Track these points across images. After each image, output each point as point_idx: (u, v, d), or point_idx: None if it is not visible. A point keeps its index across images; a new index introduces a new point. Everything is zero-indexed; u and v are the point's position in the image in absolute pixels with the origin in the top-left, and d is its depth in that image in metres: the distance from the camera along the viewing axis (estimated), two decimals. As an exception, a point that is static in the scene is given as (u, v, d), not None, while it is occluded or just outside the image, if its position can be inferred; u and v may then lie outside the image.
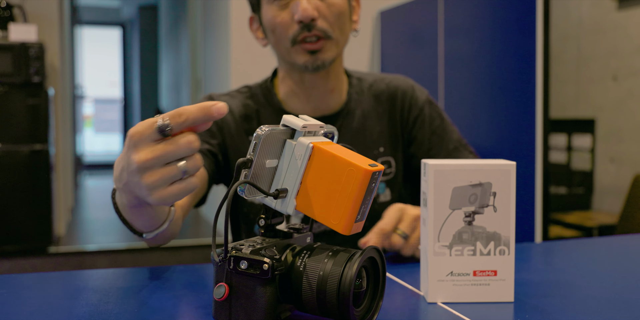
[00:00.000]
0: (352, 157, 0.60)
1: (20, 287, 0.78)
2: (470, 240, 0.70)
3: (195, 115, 0.57)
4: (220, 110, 0.57)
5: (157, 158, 0.59)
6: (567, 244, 1.14)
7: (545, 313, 0.68)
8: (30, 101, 3.34)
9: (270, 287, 0.58)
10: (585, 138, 3.95)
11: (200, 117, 0.57)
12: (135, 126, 0.60)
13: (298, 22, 1.03)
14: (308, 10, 1.02)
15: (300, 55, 1.06)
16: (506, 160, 0.71)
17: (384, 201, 1.14)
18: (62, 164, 3.94)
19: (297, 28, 1.04)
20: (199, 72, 4.75)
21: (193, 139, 0.59)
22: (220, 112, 0.57)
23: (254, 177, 0.60)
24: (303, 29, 1.03)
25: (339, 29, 1.07)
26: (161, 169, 0.59)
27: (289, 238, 0.64)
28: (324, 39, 1.05)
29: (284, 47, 1.07)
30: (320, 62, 1.06)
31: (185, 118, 0.57)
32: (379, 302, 0.64)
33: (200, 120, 0.58)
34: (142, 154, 0.59)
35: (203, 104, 0.57)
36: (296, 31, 1.04)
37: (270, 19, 1.07)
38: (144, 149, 0.59)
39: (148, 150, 0.59)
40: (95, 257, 3.52)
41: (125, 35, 10.00)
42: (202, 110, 0.57)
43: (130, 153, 0.60)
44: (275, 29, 1.07)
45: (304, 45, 1.05)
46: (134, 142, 0.59)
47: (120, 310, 0.68)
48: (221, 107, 0.57)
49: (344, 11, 1.07)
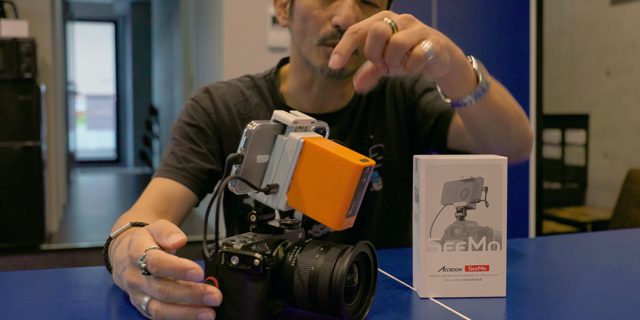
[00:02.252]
0: (343, 152, 0.60)
1: (10, 284, 0.78)
2: (462, 235, 0.70)
3: (167, 272, 0.56)
4: (192, 277, 0.56)
5: (141, 286, 0.60)
6: (560, 239, 1.14)
7: (537, 308, 0.68)
8: (22, 97, 3.32)
9: (261, 283, 0.58)
10: (578, 133, 3.96)
11: (171, 275, 0.57)
12: (135, 244, 0.61)
13: (335, 25, 0.98)
14: (351, 18, 0.96)
15: (321, 57, 1.01)
16: (497, 155, 0.71)
17: (377, 190, 1.11)
18: (55, 160, 3.92)
19: (331, 29, 0.99)
20: (192, 69, 4.73)
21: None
22: (193, 279, 0.56)
23: (245, 173, 0.60)
24: (337, 34, 0.98)
25: None
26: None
27: (281, 234, 0.64)
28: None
29: (308, 41, 1.02)
30: (337, 72, 1.02)
31: (157, 270, 0.57)
32: (371, 298, 0.63)
33: (172, 277, 0.57)
34: (131, 276, 0.61)
35: (181, 265, 0.56)
36: (329, 33, 0.99)
37: (305, 8, 1.00)
38: (135, 271, 0.61)
39: (137, 275, 0.60)
40: (88, 254, 3.51)
41: (117, 31, 9.96)
42: (177, 271, 0.56)
43: (124, 270, 0.62)
44: (307, 20, 1.00)
45: (330, 49, 0.99)
46: (131, 262, 0.61)
47: (110, 306, 0.68)
48: (194, 275, 0.55)
49: None
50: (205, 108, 1.10)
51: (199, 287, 0.56)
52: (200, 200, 1.07)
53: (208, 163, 1.07)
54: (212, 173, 1.07)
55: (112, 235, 0.76)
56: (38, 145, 3.38)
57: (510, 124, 0.90)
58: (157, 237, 0.61)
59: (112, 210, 5.27)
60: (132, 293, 0.62)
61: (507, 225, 0.71)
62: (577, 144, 3.95)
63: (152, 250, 0.58)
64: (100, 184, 7.67)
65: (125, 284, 0.62)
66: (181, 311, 0.57)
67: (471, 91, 0.78)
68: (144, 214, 0.92)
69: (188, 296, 0.57)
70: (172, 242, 0.60)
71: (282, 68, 1.16)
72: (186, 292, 0.57)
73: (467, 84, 0.77)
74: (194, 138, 1.07)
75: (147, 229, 0.63)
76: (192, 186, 1.03)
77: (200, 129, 1.08)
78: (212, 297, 0.56)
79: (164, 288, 0.57)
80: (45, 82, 3.72)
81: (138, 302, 0.60)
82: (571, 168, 4.00)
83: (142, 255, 0.58)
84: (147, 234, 0.62)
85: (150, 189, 1.02)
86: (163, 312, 0.57)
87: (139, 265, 0.58)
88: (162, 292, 0.57)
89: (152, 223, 0.65)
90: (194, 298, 0.56)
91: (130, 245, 0.61)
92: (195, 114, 1.10)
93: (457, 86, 0.76)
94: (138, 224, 0.77)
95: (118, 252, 0.67)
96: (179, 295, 0.57)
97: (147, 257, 0.57)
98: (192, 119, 1.09)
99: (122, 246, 0.67)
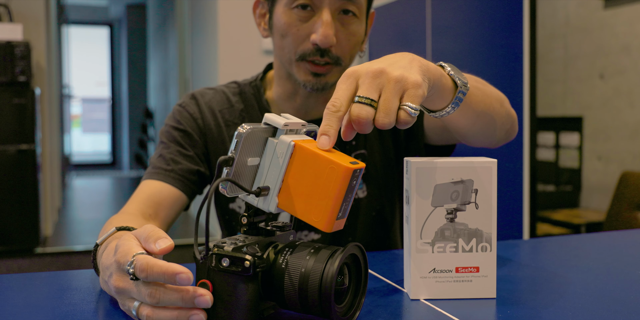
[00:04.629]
0: (333, 155, 0.60)
1: (3, 287, 0.78)
2: (453, 237, 0.70)
3: (157, 277, 0.56)
4: (182, 282, 0.55)
5: (129, 292, 0.60)
6: (552, 241, 1.15)
7: (528, 308, 0.68)
8: (16, 101, 3.31)
9: (252, 285, 0.58)
10: (572, 136, 3.97)
11: (161, 280, 0.57)
12: (121, 251, 0.61)
13: (313, 44, 0.98)
14: (329, 37, 0.96)
15: (302, 73, 1.01)
16: (487, 157, 0.72)
17: (361, 197, 1.11)
18: (49, 163, 3.91)
19: (310, 47, 0.99)
20: (187, 72, 4.73)
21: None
22: (182, 283, 0.56)
23: (235, 175, 0.60)
24: (317, 51, 0.98)
25: (350, 57, 1.02)
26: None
27: (272, 236, 0.64)
28: (333, 65, 1.00)
29: (288, 57, 1.02)
30: (321, 86, 1.01)
31: (145, 275, 0.57)
32: (361, 299, 0.64)
33: (162, 282, 0.57)
34: (119, 282, 0.61)
35: (170, 270, 0.56)
36: (307, 50, 0.99)
37: (284, 24, 1.00)
38: (122, 276, 0.61)
39: (125, 280, 0.60)
40: (83, 257, 3.50)
41: (112, 34, 9.95)
42: (167, 275, 0.56)
43: (111, 276, 0.62)
44: (285, 37, 1.00)
45: (310, 65, 1.00)
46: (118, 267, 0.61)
47: (102, 309, 0.68)
48: (184, 279, 0.55)
49: (360, 40, 1.03)
50: (191, 113, 1.11)
51: (189, 290, 0.57)
52: (190, 201, 1.08)
53: (196, 165, 1.07)
54: (200, 175, 1.08)
55: (98, 241, 0.76)
56: (33, 149, 3.38)
57: (493, 114, 0.89)
58: (144, 243, 0.61)
59: (108, 213, 5.25)
60: (120, 298, 0.62)
61: (500, 227, 0.71)
62: (571, 146, 3.96)
63: (140, 255, 0.58)
64: (96, 187, 7.65)
65: (113, 289, 0.62)
66: (172, 314, 0.57)
67: (451, 100, 0.75)
68: (131, 217, 0.92)
69: (179, 299, 0.57)
70: (160, 248, 0.60)
71: (268, 74, 1.16)
72: (177, 295, 0.57)
73: (446, 95, 0.74)
74: (181, 142, 1.08)
75: (133, 234, 0.63)
76: (182, 187, 1.04)
77: (186, 133, 1.09)
78: (203, 299, 0.56)
79: (154, 292, 0.57)
80: (40, 85, 3.72)
81: (127, 308, 0.60)
82: (565, 170, 4.01)
83: (130, 260, 0.58)
84: (134, 239, 0.62)
85: (139, 192, 1.02)
86: (154, 317, 0.57)
87: (127, 270, 0.58)
88: (152, 297, 0.57)
89: (139, 228, 0.65)
90: (185, 301, 0.57)
91: (116, 251, 0.61)
92: (181, 119, 1.10)
93: (436, 101, 0.74)
94: (124, 228, 0.77)
95: (104, 257, 0.67)
96: (170, 298, 0.57)
97: (135, 263, 0.57)
98: (179, 123, 1.10)
99: (109, 251, 0.67)
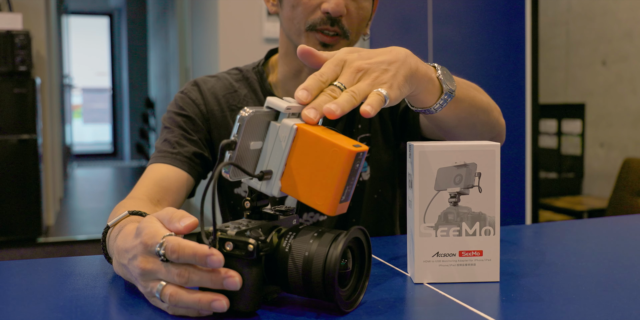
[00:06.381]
0: (336, 138, 0.60)
1: (6, 274, 0.78)
2: (456, 220, 0.70)
3: (188, 259, 0.56)
4: (213, 264, 0.55)
5: (157, 273, 0.60)
6: (555, 226, 1.15)
7: (531, 292, 0.68)
8: (17, 90, 3.31)
9: (255, 268, 0.58)
10: (575, 123, 3.96)
11: (191, 261, 0.57)
12: (146, 231, 0.60)
13: (324, 12, 0.99)
14: (341, 5, 0.97)
15: (311, 43, 1.01)
16: (490, 141, 0.71)
17: (365, 179, 1.12)
18: (51, 153, 3.92)
19: (320, 16, 0.99)
20: (188, 61, 4.72)
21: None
22: (213, 265, 0.56)
23: (238, 159, 0.60)
24: (327, 20, 0.99)
25: (356, 32, 1.03)
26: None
27: (275, 220, 0.64)
28: (341, 37, 1.01)
29: (297, 27, 1.02)
30: None
31: (177, 257, 0.57)
32: (365, 283, 0.64)
33: (193, 263, 0.57)
34: (146, 263, 0.60)
35: (201, 251, 0.56)
36: (318, 19, 0.99)
37: None
38: (150, 258, 0.60)
39: (153, 261, 0.60)
40: (85, 246, 3.52)
41: (113, 24, 9.92)
42: (198, 257, 0.56)
43: (135, 258, 0.62)
44: (296, 7, 1.01)
45: (320, 35, 1.00)
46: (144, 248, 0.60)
47: (107, 294, 0.68)
48: (215, 261, 0.55)
49: (367, 16, 1.04)
50: (194, 99, 1.11)
51: (220, 271, 0.57)
52: (196, 184, 1.08)
53: (200, 149, 1.08)
54: (204, 158, 1.08)
55: (109, 223, 0.76)
56: (34, 138, 3.38)
57: (475, 122, 0.91)
58: (169, 224, 0.61)
59: (109, 203, 5.26)
60: (143, 280, 0.61)
61: (503, 215, 0.71)
62: (573, 133, 3.95)
63: (170, 237, 0.58)
64: (97, 177, 7.66)
65: (137, 271, 0.61)
66: (195, 297, 0.57)
67: (436, 101, 0.78)
68: (140, 203, 0.92)
69: (208, 280, 0.57)
70: (185, 224, 0.60)
71: (271, 59, 1.17)
72: (207, 276, 0.57)
73: (432, 96, 0.77)
74: (185, 126, 1.09)
75: (155, 217, 0.63)
76: (189, 169, 1.04)
77: (189, 118, 1.09)
78: (232, 280, 0.56)
79: (183, 272, 0.57)
80: (41, 75, 3.71)
81: (150, 289, 0.60)
82: (567, 157, 4.00)
83: (160, 242, 0.58)
84: (157, 221, 0.62)
85: (146, 177, 1.02)
86: (177, 297, 0.57)
87: (157, 252, 0.58)
88: (181, 276, 0.57)
89: (160, 211, 0.65)
90: (214, 282, 0.57)
91: (141, 233, 0.61)
92: (184, 104, 1.11)
93: (422, 99, 0.77)
94: (136, 213, 0.77)
95: (120, 240, 0.67)
96: (199, 279, 0.57)
97: (165, 244, 0.57)
98: (182, 109, 1.10)
99: (126, 234, 0.66)
